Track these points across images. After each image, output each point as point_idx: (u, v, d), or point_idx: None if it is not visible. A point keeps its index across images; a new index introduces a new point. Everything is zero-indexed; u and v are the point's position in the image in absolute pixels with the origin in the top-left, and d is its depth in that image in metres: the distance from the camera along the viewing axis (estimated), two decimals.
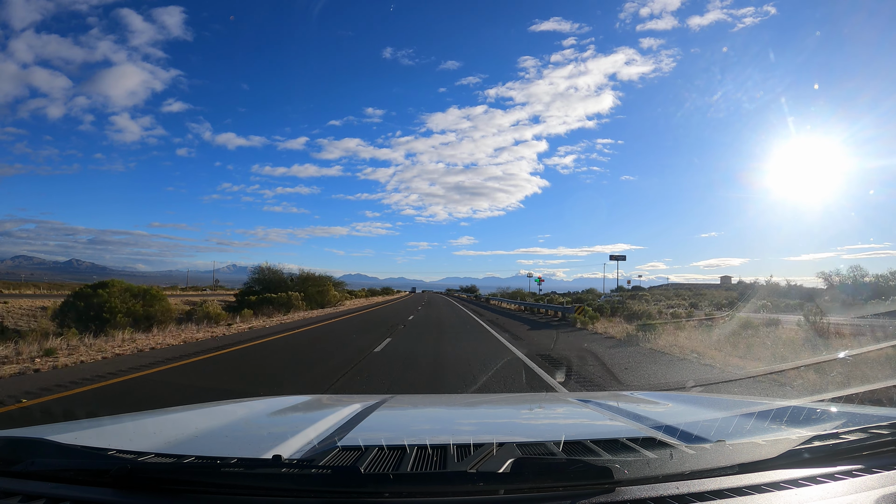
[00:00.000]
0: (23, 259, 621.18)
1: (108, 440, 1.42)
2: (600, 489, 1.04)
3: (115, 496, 1.05)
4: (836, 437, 1.26)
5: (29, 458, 1.12)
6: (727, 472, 1.12)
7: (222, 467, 1.07)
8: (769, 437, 1.31)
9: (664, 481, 1.08)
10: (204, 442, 1.47)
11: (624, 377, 7.93)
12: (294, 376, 8.24)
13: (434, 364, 9.33)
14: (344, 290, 46.10)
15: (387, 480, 1.04)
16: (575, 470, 1.07)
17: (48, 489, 1.06)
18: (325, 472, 1.05)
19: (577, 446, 1.26)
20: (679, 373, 8.24)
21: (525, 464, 1.06)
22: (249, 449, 1.39)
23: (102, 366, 8.61)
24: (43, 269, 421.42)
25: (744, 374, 7.71)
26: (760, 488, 1.08)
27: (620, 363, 9.36)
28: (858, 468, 1.18)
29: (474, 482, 1.03)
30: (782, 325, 13.68)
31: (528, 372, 8.30)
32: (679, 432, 1.40)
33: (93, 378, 7.49)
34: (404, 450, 1.18)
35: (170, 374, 8.09)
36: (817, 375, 7.00)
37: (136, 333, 13.30)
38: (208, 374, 8.42)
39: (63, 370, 8.14)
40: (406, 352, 10.94)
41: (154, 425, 1.73)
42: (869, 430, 1.29)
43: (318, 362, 9.68)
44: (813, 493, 1.08)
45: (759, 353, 9.49)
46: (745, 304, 24.52)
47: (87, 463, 1.11)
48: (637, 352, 11.05)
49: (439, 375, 8.12)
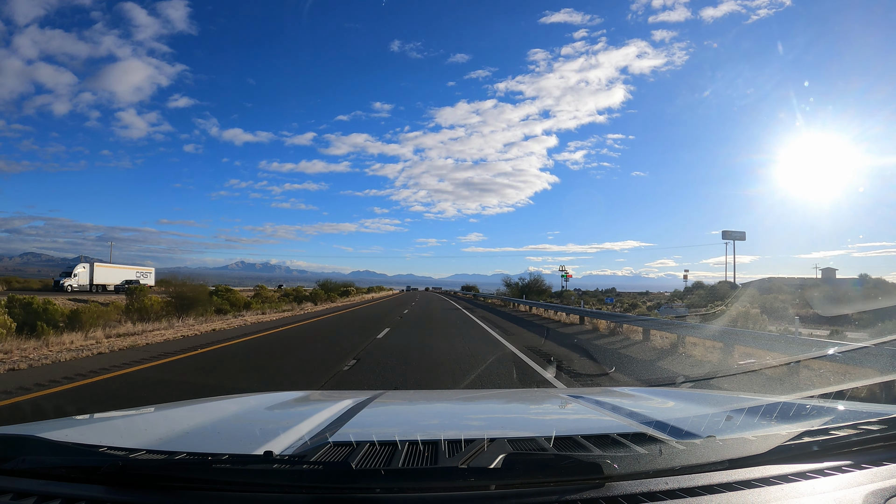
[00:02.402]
0: (31, 256, 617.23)
1: (99, 437, 1.42)
2: (590, 484, 1.05)
3: (107, 493, 1.04)
4: (825, 432, 1.27)
5: (19, 455, 1.11)
6: (717, 467, 1.13)
7: (213, 463, 1.07)
8: (759, 432, 1.32)
9: (654, 476, 1.08)
10: (195, 438, 1.46)
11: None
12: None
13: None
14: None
15: (378, 476, 1.04)
16: (565, 465, 1.07)
17: (39, 486, 1.05)
18: (316, 467, 1.05)
19: (568, 441, 1.27)
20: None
21: (516, 459, 1.07)
22: (241, 445, 1.39)
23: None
24: (51, 266, 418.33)
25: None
26: (750, 483, 1.09)
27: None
28: (848, 464, 1.19)
29: (465, 477, 1.03)
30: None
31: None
32: (669, 428, 1.41)
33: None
34: (395, 445, 1.19)
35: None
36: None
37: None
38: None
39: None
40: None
41: (145, 422, 1.72)
42: (858, 426, 1.30)
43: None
44: (802, 488, 1.09)
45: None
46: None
47: (77, 460, 1.11)
48: None
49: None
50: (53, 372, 7.59)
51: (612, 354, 10.80)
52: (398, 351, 10.55)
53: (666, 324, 12.97)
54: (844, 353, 6.98)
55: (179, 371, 8.13)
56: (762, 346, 8.89)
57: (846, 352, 7.02)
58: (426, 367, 8.60)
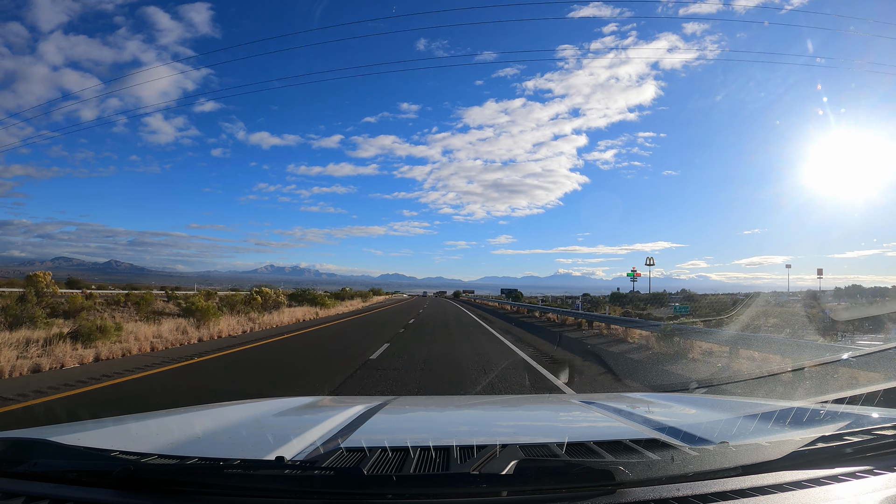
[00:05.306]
0: (62, 260, 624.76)
1: (111, 441, 1.43)
2: (603, 491, 1.04)
3: (118, 497, 1.05)
4: (840, 438, 1.25)
5: (32, 459, 1.12)
6: (730, 473, 1.11)
7: (225, 468, 1.07)
8: (773, 438, 1.30)
9: (666, 483, 1.07)
10: (207, 443, 1.47)
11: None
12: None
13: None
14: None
15: (389, 482, 1.04)
16: (577, 471, 1.07)
17: (51, 490, 1.06)
18: (327, 473, 1.05)
19: (580, 448, 1.26)
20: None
21: (527, 465, 1.06)
22: (252, 450, 1.39)
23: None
24: (82, 270, 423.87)
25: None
26: (764, 490, 1.08)
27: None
28: (862, 470, 1.17)
29: (477, 484, 1.03)
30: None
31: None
32: (682, 434, 1.39)
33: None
34: (407, 451, 1.18)
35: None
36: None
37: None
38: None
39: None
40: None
41: (157, 426, 1.73)
42: (873, 432, 1.28)
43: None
44: (817, 494, 1.08)
45: None
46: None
47: (90, 464, 1.12)
48: None
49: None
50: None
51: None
52: None
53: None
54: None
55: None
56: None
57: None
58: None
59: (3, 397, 6.29)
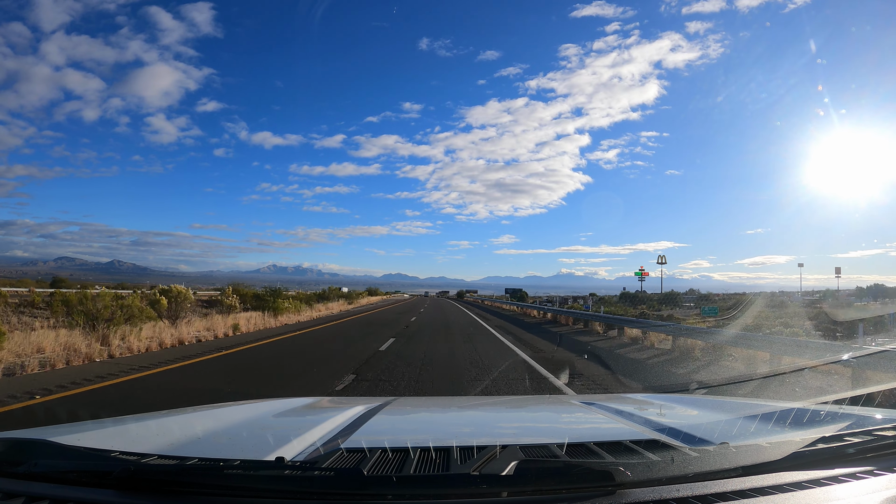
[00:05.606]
0: (65, 260, 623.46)
1: (111, 441, 1.43)
2: (603, 491, 1.04)
3: (119, 497, 1.05)
4: (840, 439, 1.25)
5: (32, 459, 1.12)
6: (730, 474, 1.11)
7: (225, 469, 1.07)
8: (773, 439, 1.30)
9: (667, 484, 1.07)
10: (207, 443, 1.47)
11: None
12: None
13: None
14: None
15: (390, 483, 1.04)
16: (577, 472, 1.07)
17: (51, 490, 1.06)
18: (327, 474, 1.05)
19: (580, 448, 1.26)
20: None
21: (528, 466, 1.06)
22: (252, 451, 1.39)
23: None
24: (84, 270, 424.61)
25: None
26: (764, 491, 1.08)
27: None
28: (863, 470, 1.17)
29: (477, 484, 1.03)
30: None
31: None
32: (682, 434, 1.39)
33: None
34: (407, 452, 1.18)
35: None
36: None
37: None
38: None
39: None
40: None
41: (157, 427, 1.73)
42: (873, 433, 1.28)
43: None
44: (817, 495, 1.08)
45: None
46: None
47: (90, 464, 1.12)
48: None
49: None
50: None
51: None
52: None
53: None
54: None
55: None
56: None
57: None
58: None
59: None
